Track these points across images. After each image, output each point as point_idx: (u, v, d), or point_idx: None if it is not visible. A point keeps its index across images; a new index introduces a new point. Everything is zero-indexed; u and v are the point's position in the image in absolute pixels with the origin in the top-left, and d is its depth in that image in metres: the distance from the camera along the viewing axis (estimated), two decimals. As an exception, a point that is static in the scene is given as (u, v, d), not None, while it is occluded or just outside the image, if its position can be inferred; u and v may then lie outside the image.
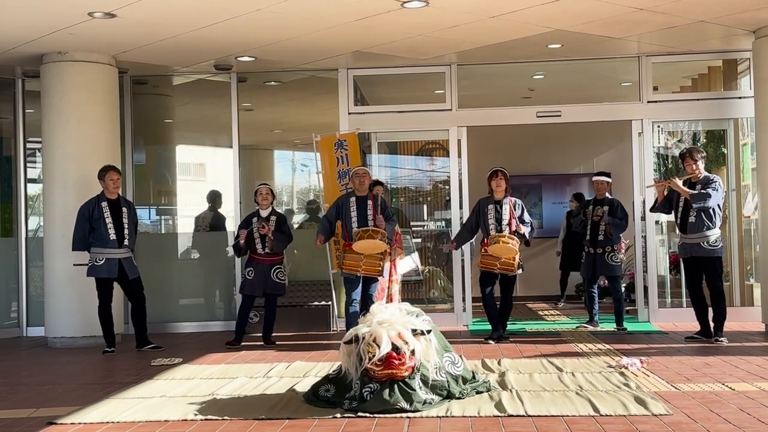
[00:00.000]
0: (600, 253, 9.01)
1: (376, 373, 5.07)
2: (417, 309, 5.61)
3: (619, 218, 8.96)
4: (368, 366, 5.06)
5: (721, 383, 5.75)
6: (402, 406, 4.99)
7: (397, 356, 5.06)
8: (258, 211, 8.61)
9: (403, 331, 5.18)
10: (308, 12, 7.56)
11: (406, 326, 5.23)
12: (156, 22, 7.78)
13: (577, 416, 4.83)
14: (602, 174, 9.29)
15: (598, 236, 9.00)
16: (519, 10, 7.66)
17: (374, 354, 5.04)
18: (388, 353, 5.03)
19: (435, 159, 12.97)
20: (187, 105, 11.69)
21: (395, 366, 5.05)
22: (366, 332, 5.16)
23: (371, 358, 5.04)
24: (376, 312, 5.39)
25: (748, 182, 10.14)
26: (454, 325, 9.60)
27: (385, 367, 5.05)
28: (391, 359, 5.04)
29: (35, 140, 9.96)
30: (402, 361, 5.07)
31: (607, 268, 9.03)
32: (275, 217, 8.61)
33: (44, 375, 7.10)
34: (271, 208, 8.64)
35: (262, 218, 8.54)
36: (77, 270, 8.50)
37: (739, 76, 10.18)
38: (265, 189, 8.64)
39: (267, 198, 8.60)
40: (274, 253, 8.52)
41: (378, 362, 5.04)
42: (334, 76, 9.97)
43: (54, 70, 8.93)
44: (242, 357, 7.70)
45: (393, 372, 5.06)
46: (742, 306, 9.74)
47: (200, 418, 5.00)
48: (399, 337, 5.14)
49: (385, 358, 5.03)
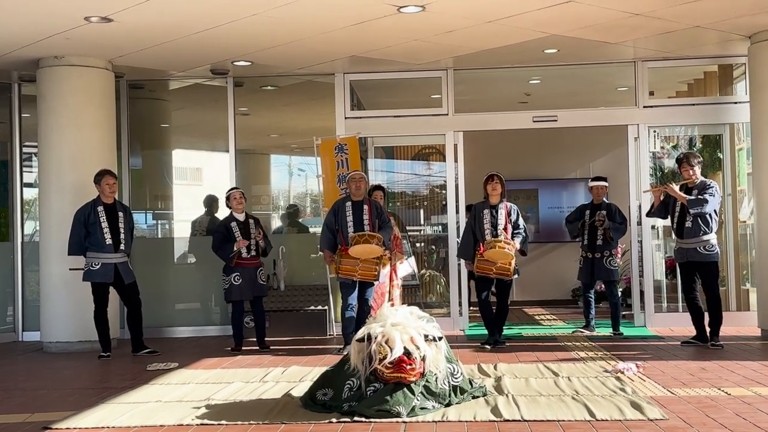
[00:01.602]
0: (598, 258, 9.02)
1: (385, 375, 5.09)
2: (427, 314, 5.62)
3: (618, 222, 8.98)
4: (378, 367, 5.06)
5: (717, 388, 5.76)
6: (398, 410, 4.99)
7: (408, 361, 5.08)
8: (233, 216, 8.64)
9: (415, 336, 5.19)
10: (305, 17, 7.56)
11: (419, 331, 5.25)
12: (152, 26, 7.77)
13: (573, 421, 4.83)
14: (599, 179, 9.30)
15: (597, 241, 9.01)
16: (515, 15, 7.67)
17: (385, 356, 5.05)
18: (399, 357, 5.04)
19: (431, 163, 12.97)
20: (183, 109, 11.69)
21: (405, 371, 5.08)
22: (379, 332, 5.17)
23: (382, 359, 5.04)
24: (388, 314, 5.40)
25: (744, 187, 10.15)
26: (451, 329, 9.58)
27: (395, 371, 5.07)
28: (402, 363, 5.06)
29: (31, 144, 9.94)
30: (412, 366, 5.09)
31: (606, 272, 9.03)
32: (253, 220, 8.68)
33: (40, 380, 7.08)
34: (245, 213, 8.70)
35: (240, 222, 8.57)
36: (73, 274, 8.49)
37: (734, 82, 10.20)
38: (239, 193, 8.72)
39: (241, 202, 8.68)
40: (257, 256, 8.59)
41: (389, 365, 5.05)
42: (330, 81, 9.97)
43: (50, 75, 8.92)
44: (238, 362, 7.69)
45: (402, 376, 5.08)
46: (738, 311, 9.74)
47: (196, 423, 5.00)
48: (411, 342, 5.15)
49: (396, 362, 5.05)
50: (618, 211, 9.08)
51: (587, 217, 9.12)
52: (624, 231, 9.09)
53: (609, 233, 8.93)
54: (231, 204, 8.69)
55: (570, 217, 9.44)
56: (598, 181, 9.26)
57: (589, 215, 9.12)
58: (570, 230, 9.42)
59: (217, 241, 8.62)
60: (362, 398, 5.10)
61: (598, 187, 9.18)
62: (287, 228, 12.48)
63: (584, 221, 9.13)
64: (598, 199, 9.15)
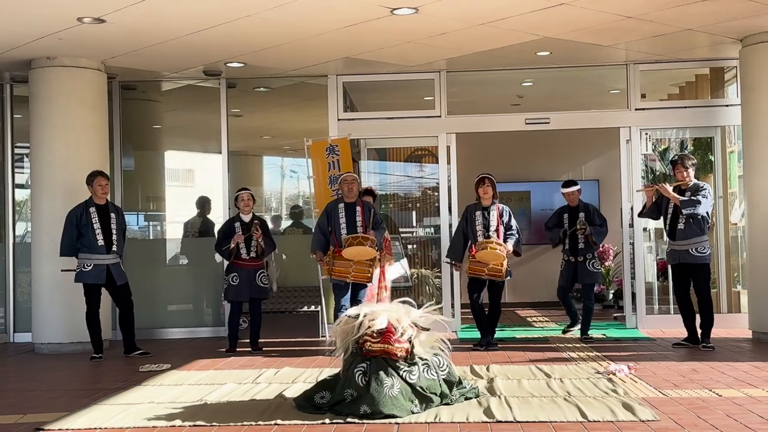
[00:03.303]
0: (581, 261, 8.96)
1: (371, 345, 5.16)
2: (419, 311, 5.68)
3: (598, 225, 8.89)
4: (365, 337, 5.17)
5: (708, 389, 5.78)
6: (393, 412, 5.01)
7: (394, 332, 5.19)
8: (239, 216, 8.62)
9: (402, 318, 5.30)
10: (298, 18, 7.57)
11: (407, 314, 5.37)
12: (145, 27, 7.77)
13: (566, 422, 4.85)
14: (570, 184, 9.10)
15: (578, 245, 8.93)
16: (508, 18, 7.69)
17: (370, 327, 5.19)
18: (386, 327, 5.17)
19: (424, 165, 12.98)
20: (176, 111, 11.67)
21: (391, 340, 5.16)
22: (368, 311, 5.33)
23: (368, 329, 5.18)
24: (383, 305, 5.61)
25: (735, 189, 10.20)
26: (444, 331, 9.57)
27: (381, 341, 5.16)
28: (388, 333, 5.17)
29: (23, 145, 9.92)
30: (398, 338, 5.18)
31: (589, 275, 8.96)
32: (257, 222, 8.63)
33: (31, 381, 7.06)
34: (252, 214, 8.66)
35: (244, 223, 8.55)
36: (65, 276, 8.47)
37: (726, 84, 10.24)
38: (247, 194, 8.65)
39: (249, 203, 8.62)
40: (257, 258, 8.54)
41: (375, 334, 5.15)
42: (323, 83, 9.97)
43: (42, 76, 8.91)
44: (231, 363, 7.68)
45: (388, 347, 5.15)
46: (729, 313, 9.77)
47: (189, 425, 4.99)
48: (397, 321, 5.28)
49: (382, 332, 5.16)
50: (596, 212, 9.02)
51: (566, 223, 8.99)
52: (605, 233, 8.98)
53: (591, 238, 8.87)
54: (238, 204, 8.66)
55: (549, 223, 9.24)
56: (570, 186, 9.06)
57: (568, 219, 8.99)
58: (551, 237, 9.21)
59: (219, 239, 8.61)
60: (359, 387, 5.14)
61: (569, 193, 9.04)
62: (290, 229, 12.49)
63: (565, 229, 9.00)
64: (573, 203, 9.05)
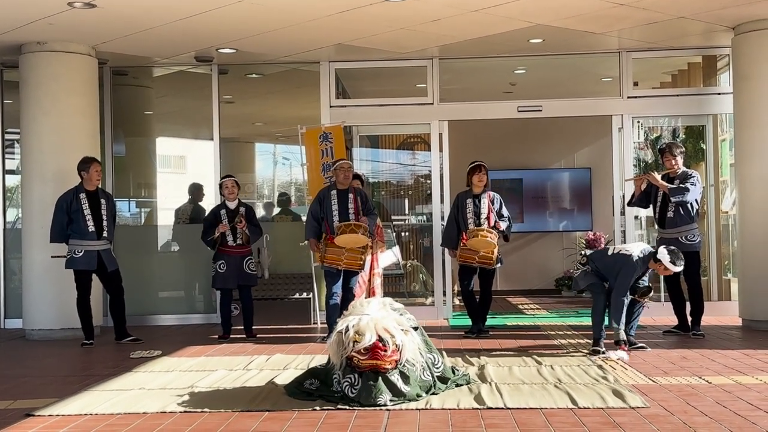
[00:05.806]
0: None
1: (360, 362, 5.07)
2: (400, 305, 5.62)
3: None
4: (353, 354, 5.06)
5: (698, 376, 5.81)
6: (383, 400, 5.00)
7: (383, 347, 5.07)
8: (225, 203, 8.61)
9: (389, 326, 5.19)
10: (290, 4, 7.53)
11: (393, 321, 5.25)
12: (136, 12, 7.72)
13: (556, 408, 4.86)
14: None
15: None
16: (501, 5, 7.67)
17: (359, 342, 5.04)
18: (374, 343, 5.04)
19: (416, 153, 12.98)
20: (167, 97, 11.64)
21: (380, 357, 5.06)
22: (354, 323, 5.18)
23: (356, 344, 5.04)
24: (360, 306, 5.40)
25: (727, 178, 10.23)
26: (435, 319, 9.61)
27: (369, 357, 5.06)
28: (376, 349, 5.05)
29: (14, 131, 9.87)
30: (387, 353, 5.08)
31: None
32: (243, 208, 8.63)
33: (22, 367, 7.05)
34: (237, 200, 8.66)
35: (230, 210, 8.54)
36: (55, 262, 8.44)
37: (718, 73, 10.25)
38: (231, 182, 8.65)
39: (233, 191, 8.62)
40: (244, 245, 8.54)
41: (363, 351, 5.05)
42: (315, 69, 9.94)
43: (33, 61, 8.85)
44: (222, 349, 7.68)
45: (377, 363, 5.06)
46: (719, 300, 9.83)
47: (179, 411, 4.99)
48: (385, 331, 5.15)
49: (370, 348, 5.04)
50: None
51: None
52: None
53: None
54: (223, 192, 8.66)
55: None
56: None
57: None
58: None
59: (205, 228, 8.60)
60: (346, 397, 5.09)
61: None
62: (278, 216, 12.48)
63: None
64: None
